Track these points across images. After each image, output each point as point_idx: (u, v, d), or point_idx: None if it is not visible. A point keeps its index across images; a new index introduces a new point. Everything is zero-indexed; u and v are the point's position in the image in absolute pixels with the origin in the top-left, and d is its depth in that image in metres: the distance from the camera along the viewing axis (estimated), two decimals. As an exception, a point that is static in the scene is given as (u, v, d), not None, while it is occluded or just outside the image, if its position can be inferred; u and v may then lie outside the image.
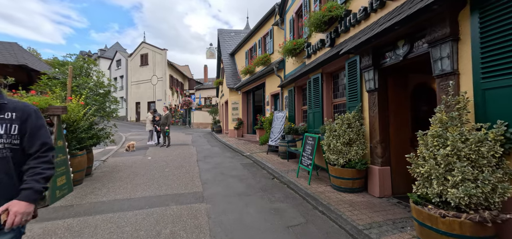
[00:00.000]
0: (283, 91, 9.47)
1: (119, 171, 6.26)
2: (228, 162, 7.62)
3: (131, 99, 29.04)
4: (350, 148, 4.35)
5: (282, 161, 7.32)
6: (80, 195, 4.40)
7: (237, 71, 15.98)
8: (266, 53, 11.52)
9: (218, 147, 11.05)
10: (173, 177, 5.66)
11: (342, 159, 4.34)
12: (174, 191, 4.70)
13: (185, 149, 10.14)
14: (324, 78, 6.27)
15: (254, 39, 13.33)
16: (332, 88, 6.29)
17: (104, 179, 5.47)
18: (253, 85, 12.72)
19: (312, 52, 6.81)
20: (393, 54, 3.84)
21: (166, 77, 27.08)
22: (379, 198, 4.02)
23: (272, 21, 10.97)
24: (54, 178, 4.03)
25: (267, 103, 11.11)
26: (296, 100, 8.28)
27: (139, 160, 7.72)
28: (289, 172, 5.93)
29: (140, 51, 28.62)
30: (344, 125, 4.43)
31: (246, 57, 14.49)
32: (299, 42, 7.31)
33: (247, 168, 6.71)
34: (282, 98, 9.52)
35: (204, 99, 34.02)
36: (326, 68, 6.10)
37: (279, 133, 8.30)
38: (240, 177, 5.74)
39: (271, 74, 10.44)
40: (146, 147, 10.53)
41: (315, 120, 6.61)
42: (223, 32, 18.59)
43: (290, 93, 8.57)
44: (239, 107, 14.78)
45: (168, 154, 8.90)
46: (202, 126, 25.69)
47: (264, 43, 12.32)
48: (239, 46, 15.59)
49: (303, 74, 7.06)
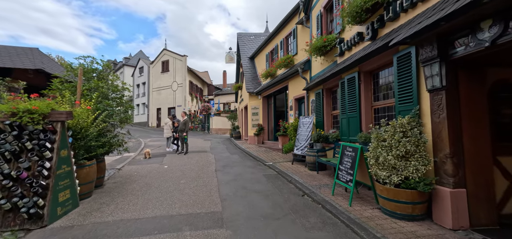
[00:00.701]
0: (309, 95, 8.61)
1: (132, 182, 5.77)
2: (250, 173, 6.88)
3: (152, 105, 29.57)
4: (407, 162, 3.42)
5: (310, 173, 6.44)
6: (84, 213, 3.88)
7: (257, 75, 15.35)
8: (289, 54, 10.75)
9: (237, 155, 10.38)
10: (188, 191, 5.02)
11: (396, 176, 3.41)
12: (189, 209, 4.03)
13: (203, 156, 9.58)
14: (362, 77, 5.35)
15: (276, 40, 12.63)
16: (371, 89, 5.35)
17: (114, 192, 4.97)
18: (274, 89, 11.98)
19: (346, 48, 5.92)
20: (471, 40, 2.90)
21: (186, 83, 27.23)
22: (453, 231, 3.03)
23: (295, 20, 10.21)
24: (54, 193, 3.54)
25: (290, 108, 10.28)
26: (324, 104, 7.39)
27: (155, 169, 7.24)
28: (322, 188, 5.04)
29: (161, 58, 29.17)
30: (398, 133, 3.51)
31: (267, 60, 13.81)
32: (329, 38, 6.46)
33: (271, 181, 5.92)
34: (308, 102, 8.66)
35: (223, 104, 33.86)
36: (364, 66, 5.19)
37: (306, 141, 7.43)
38: (264, 193, 4.96)
39: (295, 76, 9.63)
40: (164, 154, 10.13)
41: (351, 126, 5.68)
42: (242, 35, 18.14)
43: (317, 97, 7.69)
44: (259, 112, 14.08)
45: (185, 162, 8.37)
46: (221, 131, 25.34)
47: (287, 44, 11.56)
48: (259, 49, 14.98)
49: (334, 74, 6.18)
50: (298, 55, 10.18)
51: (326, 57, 7.11)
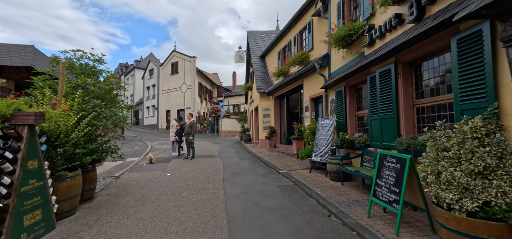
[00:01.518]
0: (327, 93, 7.64)
1: (127, 194, 5.01)
2: (261, 182, 5.99)
3: (162, 108, 29.28)
4: (486, 182, 2.43)
5: (333, 184, 5.47)
6: (60, 238, 3.12)
7: (268, 74, 14.47)
8: (304, 50, 9.81)
9: (248, 160, 9.51)
10: (190, 208, 4.19)
11: (471, 201, 2.43)
12: (187, 236, 3.19)
13: (211, 162, 8.78)
14: (400, 69, 4.36)
15: (288, 36, 11.71)
16: (412, 84, 4.35)
17: (103, 208, 4.21)
18: (287, 89, 11.06)
19: (378, 36, 4.95)
20: None
21: (195, 85, 26.72)
22: None
23: (311, 12, 9.27)
24: (17, 216, 2.79)
25: (306, 109, 9.33)
26: (347, 103, 6.40)
27: (156, 177, 6.48)
28: (352, 206, 4.08)
29: (171, 60, 28.87)
30: (469, 140, 2.53)
31: (279, 58, 12.91)
32: (356, 25, 5.49)
33: (287, 194, 5.01)
34: (327, 102, 7.69)
35: (233, 106, 33.20)
36: (404, 55, 4.21)
37: (326, 146, 6.47)
38: (281, 211, 4.06)
39: (311, 74, 8.68)
40: (169, 160, 9.42)
41: (384, 130, 4.70)
42: (252, 34, 17.33)
43: (338, 95, 6.72)
44: (270, 114, 13.18)
45: (191, 169, 7.59)
46: (231, 134, 24.61)
47: (301, 40, 10.62)
48: (270, 47, 14.10)
49: (361, 68, 5.22)
50: (314, 50, 9.23)
51: (350, 49, 6.14)
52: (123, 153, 8.65)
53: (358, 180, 5.68)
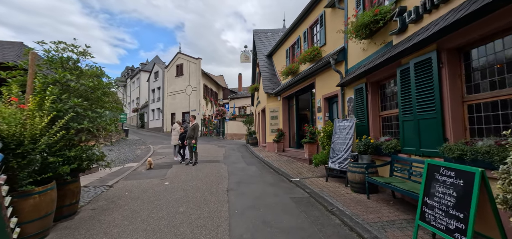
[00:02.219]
0: (344, 92, 6.81)
1: (115, 209, 4.29)
2: (272, 193, 5.20)
3: (167, 110, 28.84)
4: None
5: (357, 197, 4.63)
6: (12, 276, 2.41)
7: (275, 74, 13.70)
8: (315, 46, 9.00)
9: (255, 166, 8.73)
10: (186, 229, 3.43)
11: None
12: (179, 274, 2.42)
13: (214, 168, 8.03)
14: (445, 58, 3.53)
15: (298, 32, 10.92)
16: (461, 76, 3.50)
17: (83, 228, 3.50)
18: (296, 88, 10.25)
19: (413, 19, 4.11)
20: None
21: (200, 87, 26.17)
22: None
23: (323, 3, 8.47)
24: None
25: (318, 110, 8.50)
26: (370, 102, 5.56)
27: (152, 187, 5.77)
28: (388, 229, 3.24)
29: (175, 62, 28.45)
30: None
31: (287, 56, 12.13)
32: (383, 9, 4.66)
33: (303, 209, 4.20)
34: (343, 101, 6.85)
35: (239, 108, 32.55)
36: (450, 39, 3.38)
37: (345, 151, 5.63)
38: (298, 235, 3.25)
39: (325, 71, 7.87)
40: (170, 165, 8.73)
41: (423, 133, 3.85)
42: (258, 32, 16.61)
43: (358, 93, 5.88)
44: (278, 116, 12.38)
45: (192, 176, 6.86)
46: (236, 137, 23.90)
47: (312, 35, 9.82)
48: (278, 45, 13.34)
49: (388, 60, 4.39)
50: (327, 45, 8.42)
51: (374, 39, 5.31)
52: (112, 160, 8.04)
53: (386, 192, 4.82)
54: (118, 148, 13.88)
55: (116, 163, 9.17)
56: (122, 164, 9.02)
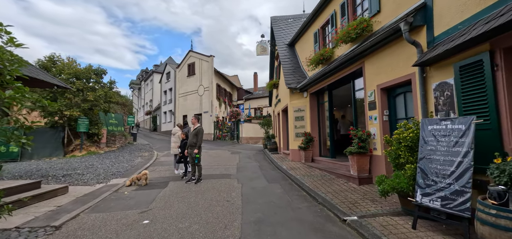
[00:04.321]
0: (426, 75, 4.24)
1: None
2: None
3: (178, 112, 27.18)
4: None
5: None
6: None
7: (299, 66, 11.22)
8: (363, 17, 6.45)
9: (279, 184, 6.34)
10: None
11: None
12: None
13: (223, 190, 5.73)
14: None
15: (332, 5, 8.37)
16: None
17: None
18: (331, 80, 7.74)
19: None
20: None
21: (213, 86, 24.19)
22: None
23: (376, -47, 5.93)
24: None
25: (370, 106, 5.94)
26: (504, 84, 2.99)
27: (122, 229, 3.56)
28: None
29: (187, 61, 26.77)
30: None
31: (316, 41, 9.62)
32: None
33: None
34: (424, 90, 4.27)
35: (254, 109, 30.28)
36: None
37: (457, 177, 3.07)
38: None
39: (383, 48, 5.34)
40: (166, 183, 6.55)
41: None
42: (277, 19, 14.21)
43: (467, 73, 3.33)
44: (305, 116, 9.89)
45: (189, 206, 4.59)
46: (252, 141, 21.61)
47: (354, 5, 7.28)
48: (303, 29, 10.85)
49: None
50: (382, 13, 5.86)
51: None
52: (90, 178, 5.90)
53: None
54: (116, 155, 12.05)
55: (100, 178, 7.16)
56: (107, 180, 6.99)
